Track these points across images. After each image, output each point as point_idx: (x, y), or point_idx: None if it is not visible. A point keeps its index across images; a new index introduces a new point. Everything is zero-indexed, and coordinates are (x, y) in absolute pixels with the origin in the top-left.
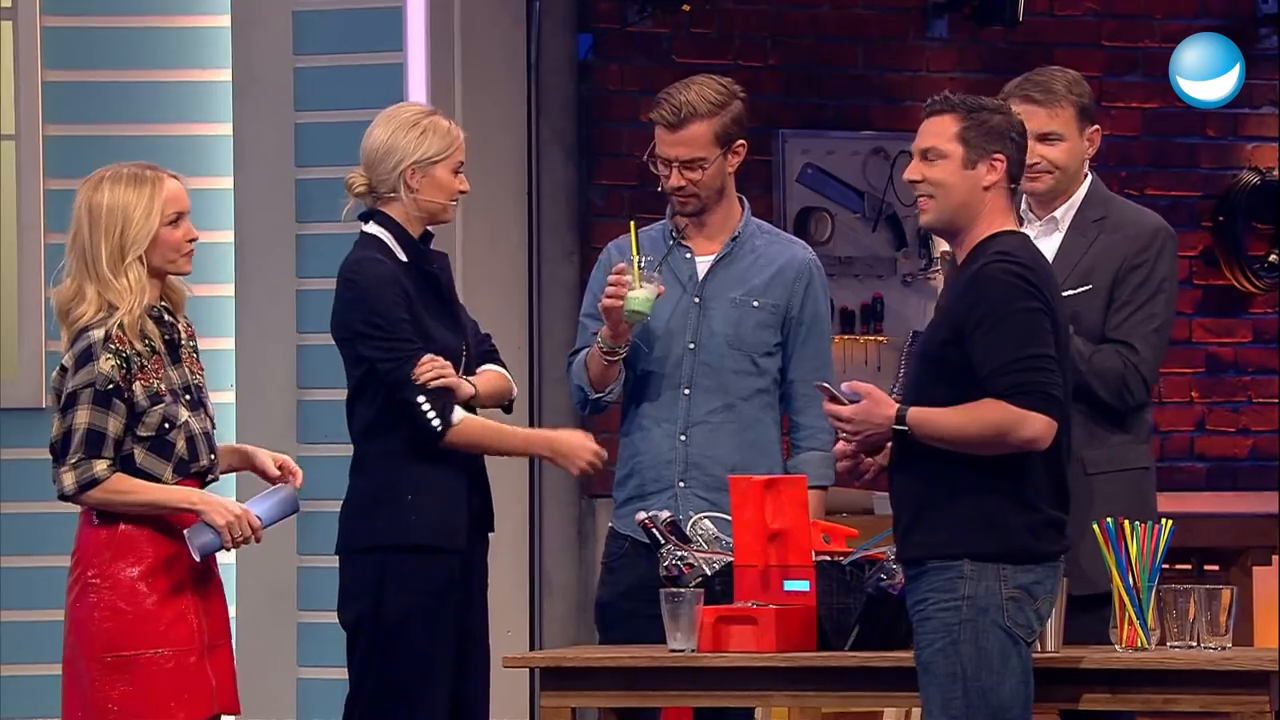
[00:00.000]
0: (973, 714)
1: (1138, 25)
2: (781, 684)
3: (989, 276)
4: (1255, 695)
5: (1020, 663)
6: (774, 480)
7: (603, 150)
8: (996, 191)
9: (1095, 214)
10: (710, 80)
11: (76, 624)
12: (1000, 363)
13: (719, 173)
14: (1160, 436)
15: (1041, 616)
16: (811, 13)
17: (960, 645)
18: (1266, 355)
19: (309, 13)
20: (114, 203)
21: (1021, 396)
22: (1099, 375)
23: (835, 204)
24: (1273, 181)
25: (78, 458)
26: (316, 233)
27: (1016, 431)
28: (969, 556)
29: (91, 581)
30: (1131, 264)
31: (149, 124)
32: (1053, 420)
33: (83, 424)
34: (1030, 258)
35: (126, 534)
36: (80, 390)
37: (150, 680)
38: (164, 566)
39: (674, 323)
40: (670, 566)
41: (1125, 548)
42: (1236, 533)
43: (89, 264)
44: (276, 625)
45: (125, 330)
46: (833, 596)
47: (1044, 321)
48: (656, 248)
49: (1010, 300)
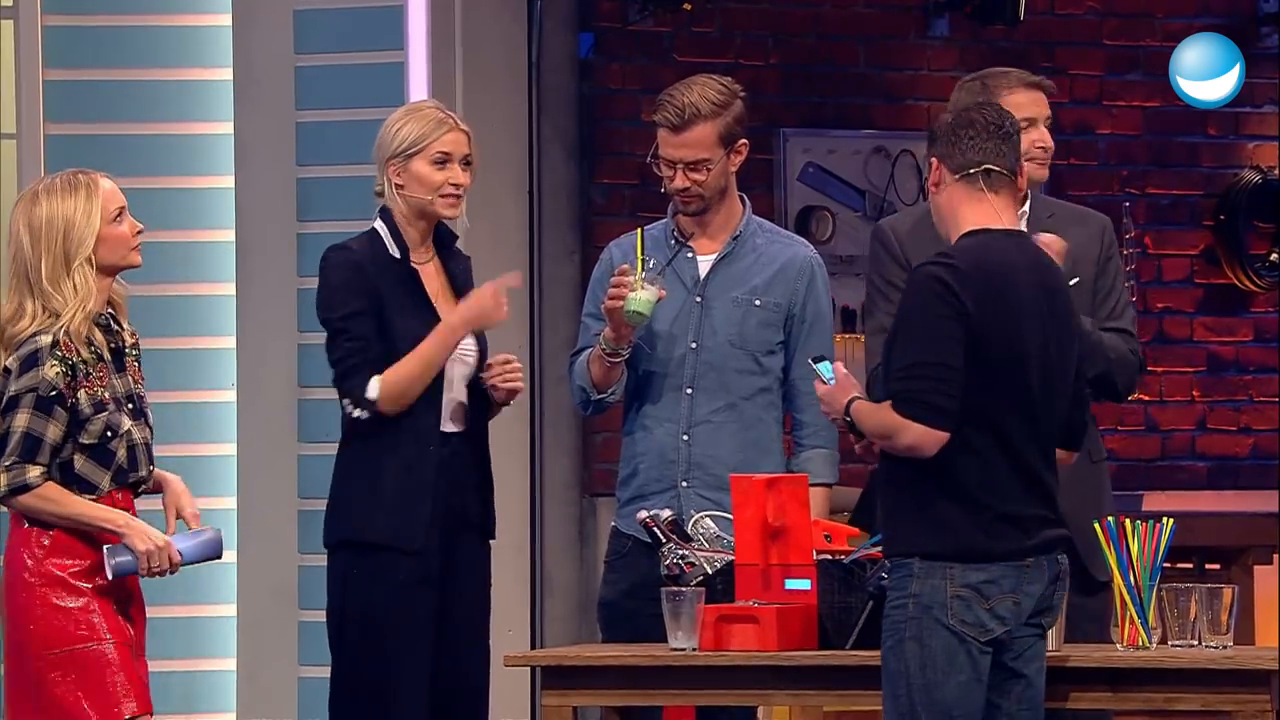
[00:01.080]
0: (917, 711)
1: (1139, 24)
2: (783, 683)
3: (915, 280)
4: (1256, 694)
5: (969, 662)
6: (775, 479)
7: (604, 149)
8: (946, 190)
9: (1045, 212)
10: (711, 80)
11: (16, 624)
12: (895, 368)
13: (722, 173)
14: (1161, 435)
15: (999, 616)
16: (813, 11)
17: (906, 643)
18: (1267, 354)
19: (310, 12)
20: (52, 213)
21: (901, 405)
22: (1120, 364)
23: (836, 203)
24: (1274, 180)
25: (12, 460)
26: (317, 231)
27: (896, 439)
28: (919, 555)
29: (28, 581)
30: (1106, 255)
31: (150, 123)
32: (932, 430)
33: (21, 427)
34: (971, 262)
35: (59, 536)
36: (23, 394)
37: (98, 672)
38: (95, 568)
39: (676, 323)
40: (671, 565)
41: (1126, 546)
42: (1238, 532)
43: (29, 279)
44: (277, 624)
45: (71, 337)
46: (834, 595)
47: (949, 329)
48: (659, 247)
49: (917, 306)
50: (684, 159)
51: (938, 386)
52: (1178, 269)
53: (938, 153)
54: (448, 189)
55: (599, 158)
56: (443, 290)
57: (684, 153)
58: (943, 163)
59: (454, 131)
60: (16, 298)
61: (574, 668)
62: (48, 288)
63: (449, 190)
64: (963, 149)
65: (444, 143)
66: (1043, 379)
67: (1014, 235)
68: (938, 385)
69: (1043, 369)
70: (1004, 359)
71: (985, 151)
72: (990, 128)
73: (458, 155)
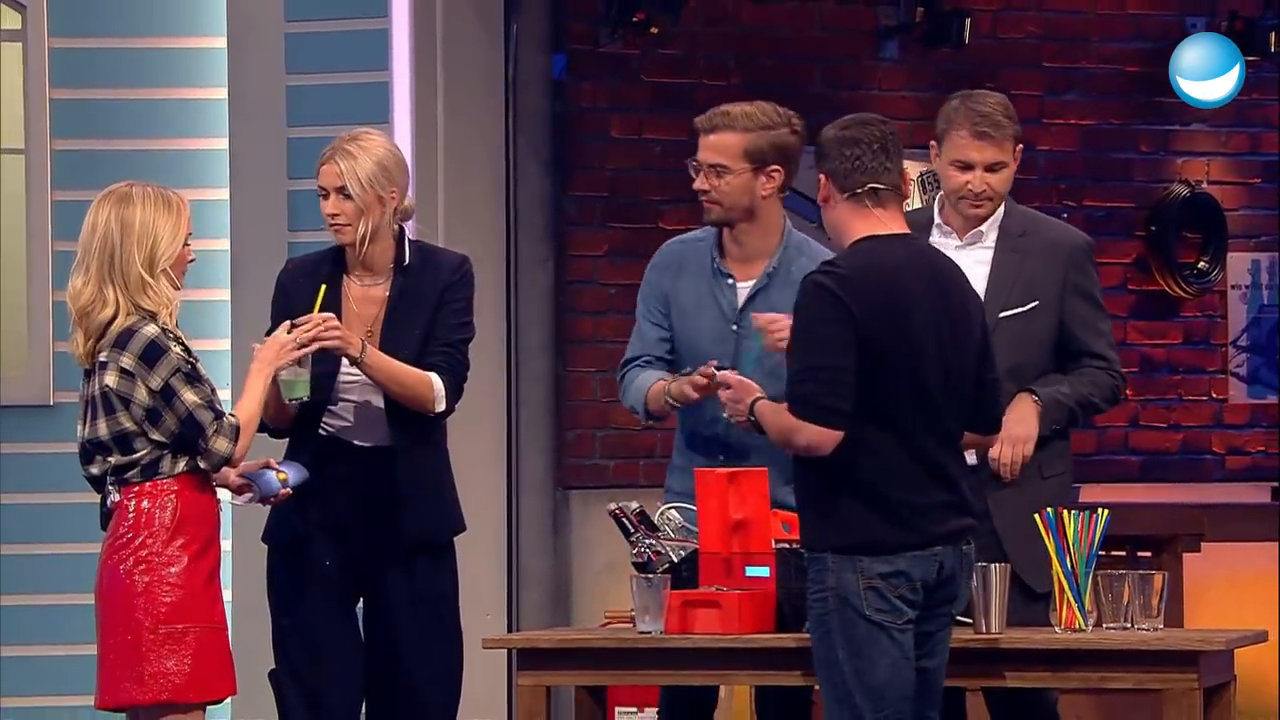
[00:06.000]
0: (851, 695)
1: (1076, 47)
2: (743, 664)
3: (803, 288)
4: (1185, 673)
5: (893, 644)
6: (736, 473)
7: (576, 163)
8: (835, 207)
9: (1018, 229)
10: (768, 105)
11: (128, 596)
12: (790, 372)
13: (745, 189)
14: (1097, 431)
15: (911, 600)
16: (772, 35)
17: (832, 634)
18: (1196, 356)
19: (300, 34)
20: (145, 219)
21: (797, 406)
22: (1104, 397)
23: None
24: (1201, 194)
25: (214, 428)
26: (307, 240)
27: (793, 439)
28: (831, 550)
29: (147, 557)
30: (1074, 281)
31: (150, 139)
32: (827, 429)
33: (192, 402)
34: (855, 266)
35: (179, 516)
36: (171, 378)
37: (202, 653)
38: (208, 549)
39: (715, 348)
40: (640, 554)
41: (1064, 535)
42: (1168, 521)
43: (117, 270)
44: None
45: (170, 331)
46: (791, 582)
47: (839, 333)
48: (701, 261)
49: (807, 313)
50: (706, 161)
51: (829, 389)
52: (1112, 276)
53: (826, 169)
54: (327, 220)
55: (571, 172)
56: (364, 314)
57: (706, 155)
58: (830, 180)
59: (326, 164)
60: (98, 284)
61: (548, 650)
62: (135, 285)
63: (329, 221)
64: (848, 168)
65: (319, 176)
66: (942, 372)
67: (903, 239)
68: (828, 387)
69: (940, 363)
70: (896, 356)
71: (871, 171)
72: (874, 146)
73: (331, 187)
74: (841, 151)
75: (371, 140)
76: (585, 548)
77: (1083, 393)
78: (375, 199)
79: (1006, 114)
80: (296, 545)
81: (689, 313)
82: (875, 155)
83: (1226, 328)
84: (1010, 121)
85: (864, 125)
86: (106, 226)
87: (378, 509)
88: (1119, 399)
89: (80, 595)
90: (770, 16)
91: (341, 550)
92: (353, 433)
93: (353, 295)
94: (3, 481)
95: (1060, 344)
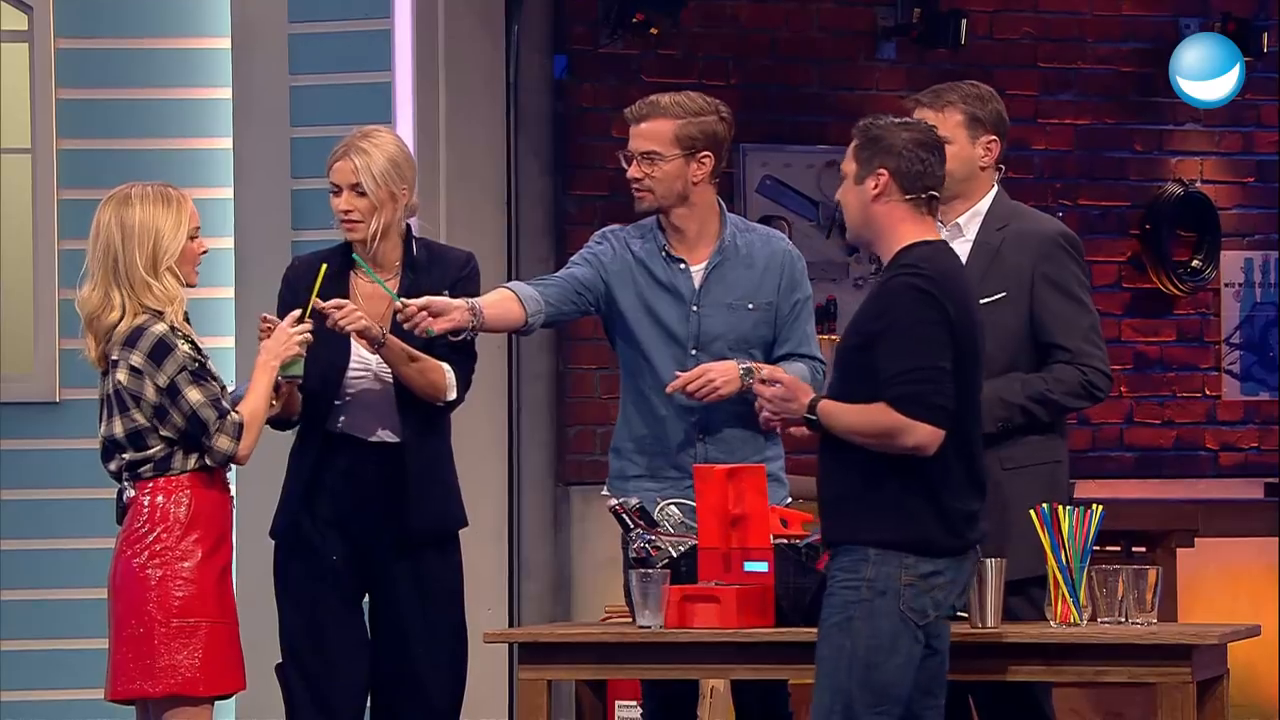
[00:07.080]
0: (854, 687)
1: (1070, 48)
2: (741, 658)
3: (893, 289)
4: (1179, 666)
5: (910, 646)
6: (736, 469)
7: (577, 163)
8: (889, 204)
9: (998, 223)
10: (694, 94)
11: (141, 589)
12: (893, 372)
13: (677, 174)
14: (1092, 428)
15: (937, 603)
16: (770, 36)
17: (855, 623)
18: (1190, 353)
19: (303, 35)
20: (145, 218)
21: (908, 405)
22: (1067, 391)
23: (792, 213)
24: (1195, 193)
25: (216, 426)
26: (311, 239)
27: (900, 438)
28: (875, 544)
29: (161, 551)
30: (1043, 272)
31: (155, 139)
32: (937, 429)
33: (197, 401)
34: (938, 270)
35: (194, 511)
36: (177, 377)
37: (213, 648)
38: (221, 545)
39: (676, 330)
40: (639, 549)
41: (1060, 530)
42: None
43: (121, 273)
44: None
45: (178, 328)
46: (790, 577)
47: (939, 334)
48: (652, 259)
49: (908, 314)
50: (638, 149)
51: (937, 388)
52: (1107, 274)
53: (891, 166)
54: (340, 216)
55: (572, 171)
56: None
57: (638, 143)
58: (894, 178)
59: (339, 160)
60: (103, 288)
61: (548, 644)
62: (139, 286)
63: (341, 217)
64: (920, 170)
65: (332, 173)
66: (982, 379)
67: (947, 246)
68: (936, 386)
69: (983, 371)
70: (969, 361)
71: (937, 178)
72: (938, 154)
73: (344, 184)
74: (916, 153)
75: (383, 137)
76: (585, 543)
77: (1038, 389)
78: (388, 195)
79: (960, 94)
80: (303, 540)
81: (647, 302)
82: (940, 163)
83: (1220, 325)
84: (960, 99)
85: (930, 132)
86: (107, 231)
87: (384, 503)
88: (1095, 395)
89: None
90: (769, 18)
91: (348, 545)
92: (359, 427)
93: (362, 291)
94: (10, 478)
95: (1033, 336)
